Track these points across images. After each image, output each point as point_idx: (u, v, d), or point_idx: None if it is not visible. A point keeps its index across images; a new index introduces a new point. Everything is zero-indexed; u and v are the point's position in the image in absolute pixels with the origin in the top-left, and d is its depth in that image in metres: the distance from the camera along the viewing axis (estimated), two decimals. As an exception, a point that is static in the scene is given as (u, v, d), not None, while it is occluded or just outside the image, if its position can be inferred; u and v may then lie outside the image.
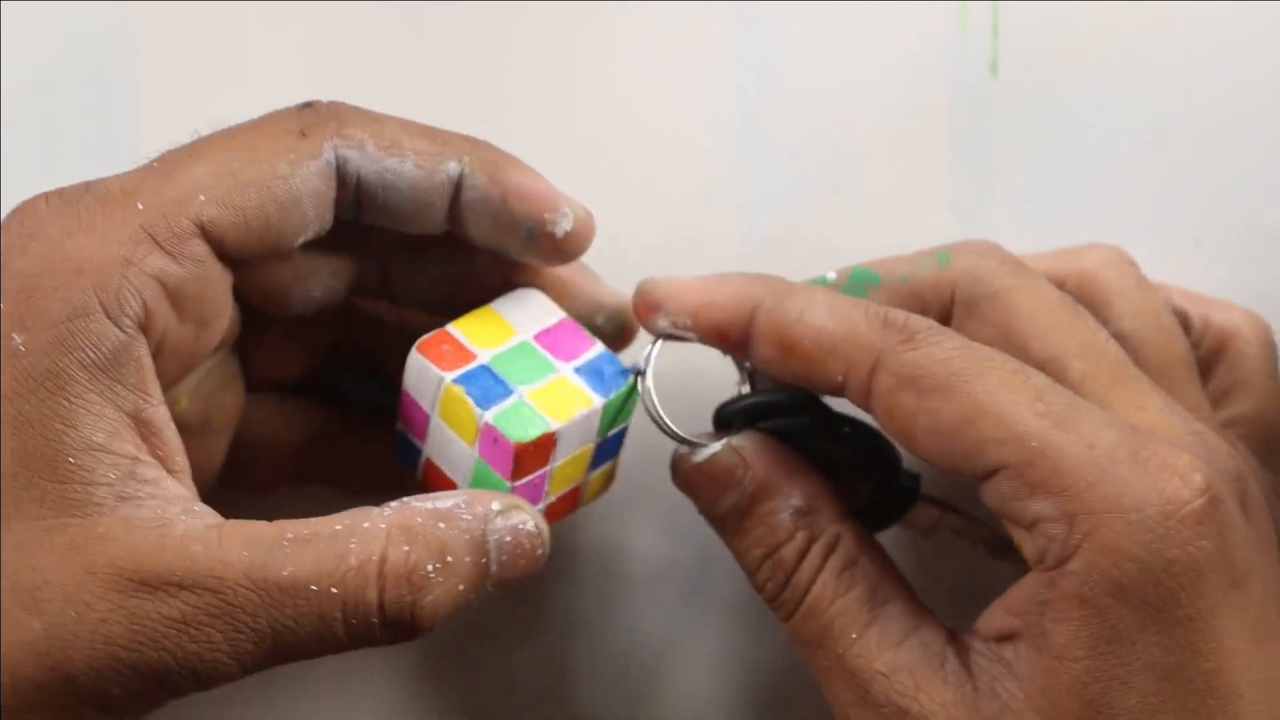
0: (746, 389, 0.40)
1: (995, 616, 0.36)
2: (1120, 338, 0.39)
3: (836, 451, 0.39)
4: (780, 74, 0.47)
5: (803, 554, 0.38)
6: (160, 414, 0.35)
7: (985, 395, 0.35)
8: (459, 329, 0.38)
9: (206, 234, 0.35)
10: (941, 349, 0.35)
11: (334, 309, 0.41)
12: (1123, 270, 0.41)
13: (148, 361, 0.35)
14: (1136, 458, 0.34)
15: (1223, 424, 0.41)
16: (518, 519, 0.36)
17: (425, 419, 0.38)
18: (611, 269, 0.42)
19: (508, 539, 0.36)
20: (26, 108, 0.46)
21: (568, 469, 0.39)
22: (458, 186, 0.38)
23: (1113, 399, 0.37)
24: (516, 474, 0.37)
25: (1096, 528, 0.33)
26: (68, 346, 0.34)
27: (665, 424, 0.39)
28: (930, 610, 0.37)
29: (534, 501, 0.38)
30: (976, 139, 0.47)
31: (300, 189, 0.36)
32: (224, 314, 0.37)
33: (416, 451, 0.39)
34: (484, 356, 0.38)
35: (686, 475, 0.39)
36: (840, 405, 0.39)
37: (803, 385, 0.38)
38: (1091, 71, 0.48)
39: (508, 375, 0.38)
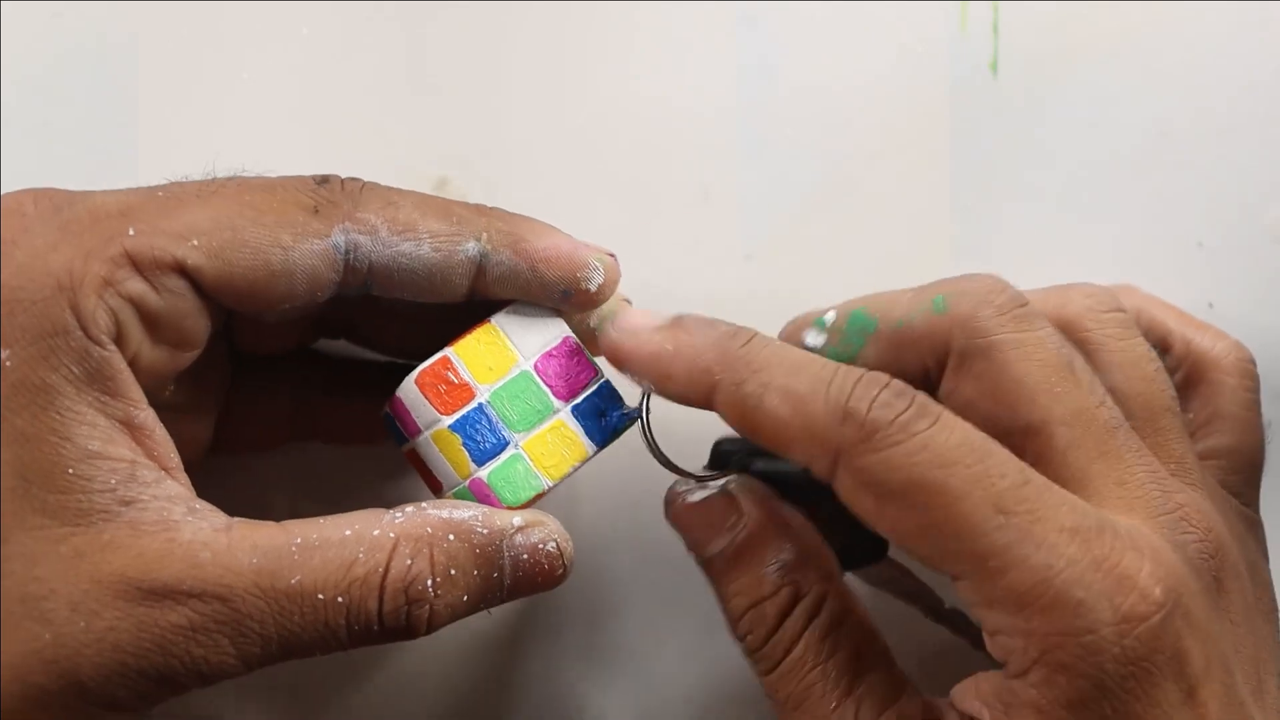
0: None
1: (968, 697, 0.35)
2: (1107, 390, 0.38)
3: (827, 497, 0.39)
4: (780, 74, 0.47)
5: (785, 612, 0.37)
6: (149, 416, 0.35)
7: (942, 508, 0.34)
8: (459, 356, 0.38)
9: (188, 275, 0.35)
10: (899, 453, 0.34)
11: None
12: (1105, 319, 0.41)
13: (128, 370, 0.35)
14: (1099, 568, 0.33)
15: (1198, 457, 0.41)
16: (539, 537, 0.37)
17: (418, 431, 0.38)
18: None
19: (525, 557, 0.36)
20: (26, 108, 0.46)
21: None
22: (479, 264, 0.37)
23: (1094, 472, 0.36)
24: None
25: (1052, 648, 0.33)
26: (52, 363, 0.34)
27: (666, 459, 0.39)
28: (908, 679, 0.37)
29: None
30: (976, 139, 0.47)
31: (297, 263, 0.36)
32: (201, 340, 0.37)
33: (403, 439, 0.39)
34: (482, 394, 0.38)
35: (679, 513, 0.39)
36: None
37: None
38: (1091, 71, 0.48)
39: (505, 418, 0.38)
